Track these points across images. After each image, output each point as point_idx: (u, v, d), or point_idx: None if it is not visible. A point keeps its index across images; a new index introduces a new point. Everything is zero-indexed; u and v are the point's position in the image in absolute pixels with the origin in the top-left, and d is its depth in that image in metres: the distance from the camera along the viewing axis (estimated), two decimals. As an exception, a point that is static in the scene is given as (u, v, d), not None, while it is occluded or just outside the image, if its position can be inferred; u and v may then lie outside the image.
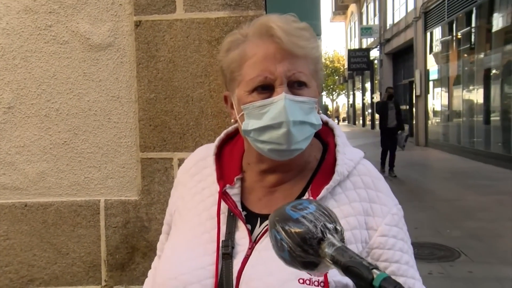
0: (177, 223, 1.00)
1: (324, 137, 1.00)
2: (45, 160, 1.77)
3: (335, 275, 0.81)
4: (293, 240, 0.65)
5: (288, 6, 1.74)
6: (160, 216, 1.72)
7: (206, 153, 1.02)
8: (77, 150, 1.77)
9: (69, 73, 1.75)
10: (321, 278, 0.82)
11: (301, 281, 0.83)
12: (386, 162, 9.87)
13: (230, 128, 1.04)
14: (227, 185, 0.94)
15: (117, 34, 1.74)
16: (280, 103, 0.84)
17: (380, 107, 10.56)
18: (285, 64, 0.86)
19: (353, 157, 0.96)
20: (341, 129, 1.01)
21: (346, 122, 42.86)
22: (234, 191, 0.94)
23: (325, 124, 1.01)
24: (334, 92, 48.64)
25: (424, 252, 4.64)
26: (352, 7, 33.37)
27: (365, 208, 0.92)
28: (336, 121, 44.61)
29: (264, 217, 0.91)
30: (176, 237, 0.98)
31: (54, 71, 1.75)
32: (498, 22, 11.18)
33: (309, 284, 0.83)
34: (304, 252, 0.65)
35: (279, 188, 0.95)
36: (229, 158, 1.00)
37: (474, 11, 12.35)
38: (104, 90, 1.76)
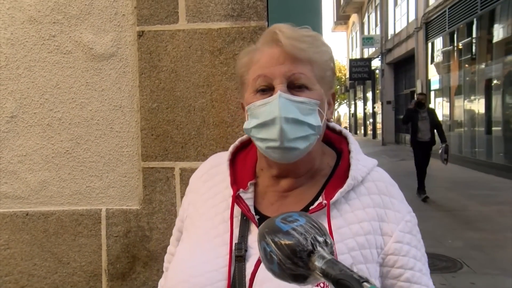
0: (188, 228, 1.01)
1: (338, 145, 1.02)
2: (47, 169, 1.78)
3: None
4: (283, 252, 0.65)
5: (290, 16, 1.75)
6: (161, 226, 1.72)
7: (218, 161, 1.05)
8: (79, 159, 1.77)
9: (72, 83, 1.76)
10: None
11: (316, 284, 0.83)
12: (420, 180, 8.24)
13: (244, 137, 1.06)
14: (241, 190, 0.95)
15: (120, 44, 1.76)
16: (275, 101, 0.88)
17: (407, 117, 8.59)
18: (286, 65, 0.90)
19: (367, 163, 0.98)
20: (354, 138, 1.03)
21: (347, 132, 42.80)
22: (247, 196, 0.96)
23: (338, 133, 1.04)
24: (335, 102, 48.71)
25: (426, 262, 4.62)
26: (354, 17, 33.56)
27: (379, 214, 0.93)
28: (338, 130, 44.68)
29: None
30: (187, 241, 0.98)
31: (57, 80, 1.76)
32: (499, 33, 11.23)
33: (324, 287, 0.83)
34: (294, 264, 0.65)
35: (291, 193, 0.96)
36: (243, 164, 1.02)
37: (475, 22, 12.42)
38: (107, 100, 1.77)
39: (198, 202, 1.02)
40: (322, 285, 0.83)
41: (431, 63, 16.47)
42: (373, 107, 26.81)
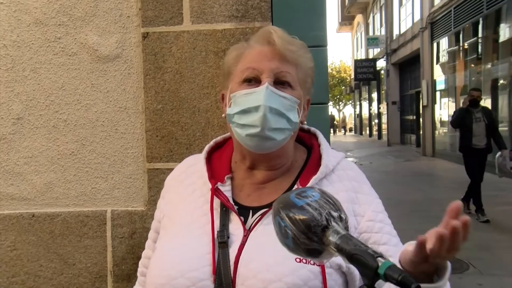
0: (166, 226, 1.04)
1: (308, 141, 1.09)
2: (52, 171, 1.79)
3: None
4: (298, 227, 0.66)
5: (294, 17, 1.75)
6: (166, 227, 1.73)
7: (194, 160, 1.11)
8: (84, 161, 1.78)
9: (77, 84, 1.77)
10: None
11: (297, 260, 0.86)
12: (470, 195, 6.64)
13: (219, 138, 1.12)
14: (219, 183, 1.00)
15: (124, 46, 1.76)
16: (262, 91, 0.94)
17: (459, 118, 6.78)
18: (275, 62, 0.96)
19: (336, 155, 1.05)
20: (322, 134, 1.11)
21: (353, 132, 42.77)
22: (225, 188, 1.00)
23: (307, 131, 1.11)
24: (340, 102, 48.63)
25: (432, 263, 4.60)
26: (359, 18, 33.49)
27: (351, 197, 0.99)
28: (343, 131, 44.62)
29: (256, 209, 0.97)
30: (167, 237, 1.01)
31: (63, 82, 1.77)
32: (505, 32, 11.16)
33: (306, 263, 0.86)
34: (308, 239, 0.65)
35: (267, 185, 1.01)
36: (218, 161, 1.07)
37: (481, 21, 12.35)
38: (112, 101, 1.77)
39: (176, 200, 1.05)
40: (312, 261, 0.86)
41: (437, 63, 16.39)
42: (378, 108, 26.72)
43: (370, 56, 27.87)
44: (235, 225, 0.95)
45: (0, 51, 1.77)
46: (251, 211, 0.98)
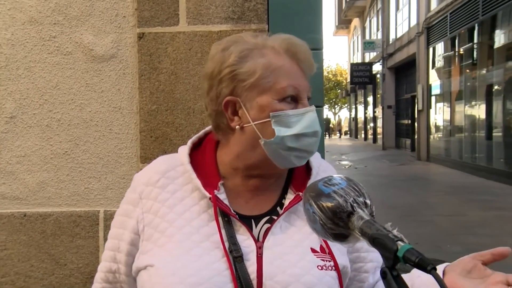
0: (156, 239, 0.93)
1: None
2: (45, 170, 1.77)
3: (342, 260, 0.93)
4: (325, 214, 0.71)
5: (291, 20, 1.75)
6: (159, 228, 1.72)
7: (171, 163, 1.00)
8: (77, 161, 1.77)
9: (72, 84, 1.76)
10: (332, 263, 0.91)
11: (319, 267, 0.89)
12: None
13: (194, 138, 1.04)
14: (215, 191, 0.93)
15: (120, 46, 1.76)
16: (313, 115, 0.93)
17: None
18: (305, 80, 0.96)
19: (316, 156, 1.03)
20: None
21: (348, 136, 42.88)
22: (222, 196, 0.94)
23: None
24: (336, 106, 48.76)
25: (425, 268, 4.60)
26: (355, 22, 33.63)
27: None
28: (338, 134, 44.72)
29: (258, 218, 0.95)
30: (166, 252, 0.91)
31: (57, 81, 1.76)
32: (500, 38, 11.24)
33: (326, 269, 0.90)
34: (335, 225, 0.71)
35: (264, 192, 0.98)
36: (202, 165, 0.98)
37: (476, 27, 12.44)
38: (106, 101, 1.76)
39: (161, 209, 0.94)
40: (330, 268, 0.90)
41: (432, 68, 16.48)
42: (374, 112, 26.82)
43: (366, 60, 27.97)
44: (243, 236, 0.91)
45: (-6, 49, 1.76)
46: (252, 220, 0.94)
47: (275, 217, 0.94)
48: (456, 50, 14.22)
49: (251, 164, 0.95)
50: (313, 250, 0.91)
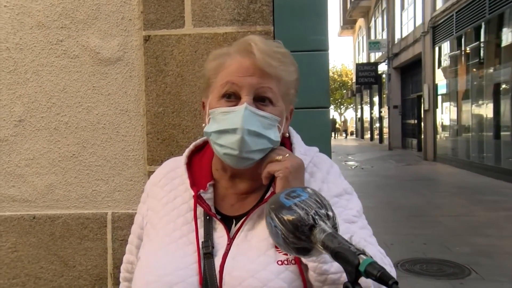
0: (149, 233, 1.02)
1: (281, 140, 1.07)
2: (53, 173, 1.79)
3: None
4: (286, 227, 0.70)
5: (295, 21, 1.75)
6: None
7: (174, 165, 1.08)
8: (85, 163, 1.78)
9: (79, 87, 1.78)
10: (292, 256, 0.89)
11: (279, 262, 0.89)
12: None
13: (199, 140, 1.10)
14: (201, 190, 0.98)
15: (126, 49, 1.77)
16: (240, 111, 0.91)
17: None
18: (255, 78, 0.94)
19: (308, 152, 1.04)
20: (295, 132, 1.09)
21: (354, 136, 42.73)
22: (207, 196, 0.99)
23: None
24: (342, 106, 48.63)
25: (433, 268, 4.57)
26: (360, 22, 33.53)
27: (320, 188, 0.98)
28: (344, 134, 44.57)
29: (239, 217, 0.97)
30: (151, 244, 0.99)
31: (64, 84, 1.78)
32: (507, 37, 11.15)
33: (287, 264, 0.89)
34: (296, 238, 0.69)
35: (250, 194, 1.00)
36: (199, 166, 1.05)
37: (483, 26, 12.35)
38: (113, 104, 1.78)
39: (157, 206, 1.03)
40: (293, 261, 0.89)
41: (438, 68, 16.38)
42: (380, 112, 26.71)
43: (372, 60, 27.87)
44: (219, 233, 0.95)
45: (2, 54, 1.78)
46: (234, 220, 0.98)
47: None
48: (463, 49, 14.13)
49: (221, 164, 1.00)
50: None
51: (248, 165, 0.95)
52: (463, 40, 13.97)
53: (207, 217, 0.97)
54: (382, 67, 24.48)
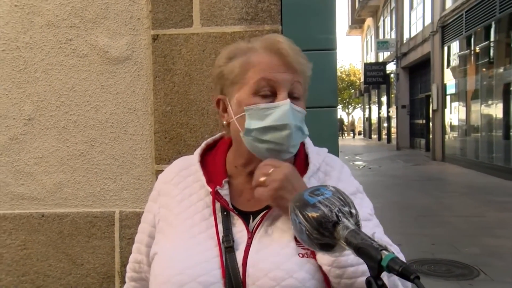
0: (164, 230, 1.02)
1: None
2: (62, 171, 1.80)
3: None
4: (311, 224, 0.72)
5: (304, 20, 1.75)
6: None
7: (186, 163, 1.10)
8: (93, 162, 1.79)
9: (87, 86, 1.79)
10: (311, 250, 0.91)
11: (300, 255, 0.92)
12: None
13: (209, 140, 1.13)
14: (217, 187, 1.00)
15: (134, 48, 1.77)
16: (285, 107, 0.94)
17: None
18: (289, 74, 0.96)
19: (320, 152, 1.07)
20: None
21: (362, 136, 42.57)
22: (224, 192, 1.01)
23: None
24: (350, 106, 48.46)
25: (441, 269, 4.54)
26: (369, 21, 33.39)
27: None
28: (352, 134, 44.42)
29: (257, 213, 0.99)
30: (167, 241, 1.00)
31: (73, 83, 1.79)
32: (517, 36, 11.04)
33: (307, 257, 0.92)
34: (320, 234, 0.72)
35: None
36: (213, 164, 1.06)
37: (493, 25, 12.24)
38: (121, 103, 1.78)
39: (171, 204, 1.04)
40: (311, 255, 0.91)
41: (447, 67, 16.26)
42: (388, 111, 26.58)
43: (380, 60, 27.74)
44: (238, 228, 0.97)
45: (13, 53, 1.80)
46: (251, 215, 0.99)
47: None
48: (472, 48, 14.01)
49: (245, 160, 1.01)
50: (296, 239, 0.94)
51: (287, 157, 0.99)
52: (472, 39, 13.85)
53: (225, 213, 0.98)
54: (391, 67, 24.35)
